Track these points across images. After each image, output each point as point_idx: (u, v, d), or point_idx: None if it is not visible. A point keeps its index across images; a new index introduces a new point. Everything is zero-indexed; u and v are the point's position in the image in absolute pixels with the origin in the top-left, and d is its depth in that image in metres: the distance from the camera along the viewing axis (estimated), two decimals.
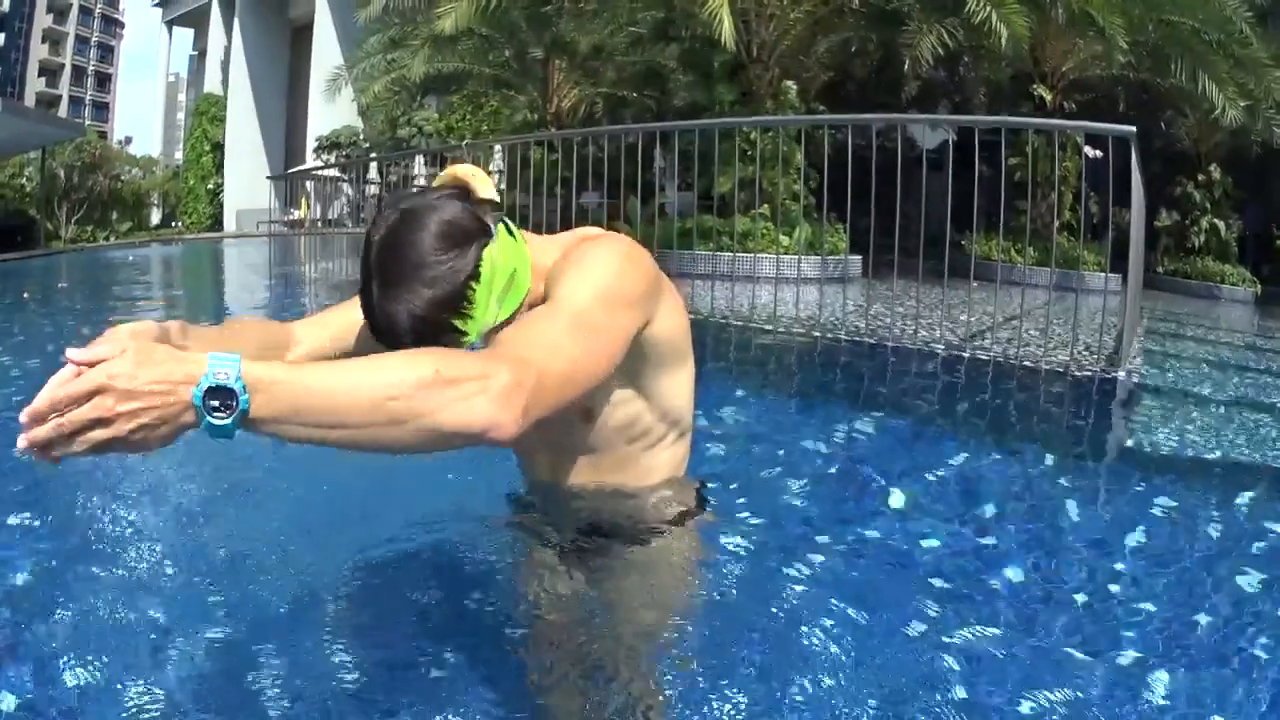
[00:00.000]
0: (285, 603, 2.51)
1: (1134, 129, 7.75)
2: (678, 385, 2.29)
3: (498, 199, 1.98)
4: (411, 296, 1.76)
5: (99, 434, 1.27)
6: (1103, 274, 14.63)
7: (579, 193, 14.16)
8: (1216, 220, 21.56)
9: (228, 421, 1.30)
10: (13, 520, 3.11)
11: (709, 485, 2.68)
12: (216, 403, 1.29)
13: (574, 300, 1.81)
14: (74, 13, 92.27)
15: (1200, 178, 21.86)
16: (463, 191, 1.92)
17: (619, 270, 1.95)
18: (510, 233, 1.95)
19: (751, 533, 2.85)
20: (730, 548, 2.65)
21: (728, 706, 2.06)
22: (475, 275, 1.82)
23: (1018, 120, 13.74)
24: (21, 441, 1.27)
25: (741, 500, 3.22)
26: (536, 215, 13.27)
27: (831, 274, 13.81)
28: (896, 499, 3.78)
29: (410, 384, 1.39)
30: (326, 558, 2.69)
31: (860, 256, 14.17)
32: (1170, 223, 21.99)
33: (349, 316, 2.10)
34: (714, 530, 2.62)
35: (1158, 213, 20.88)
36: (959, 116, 16.10)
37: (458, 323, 1.83)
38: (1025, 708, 2.20)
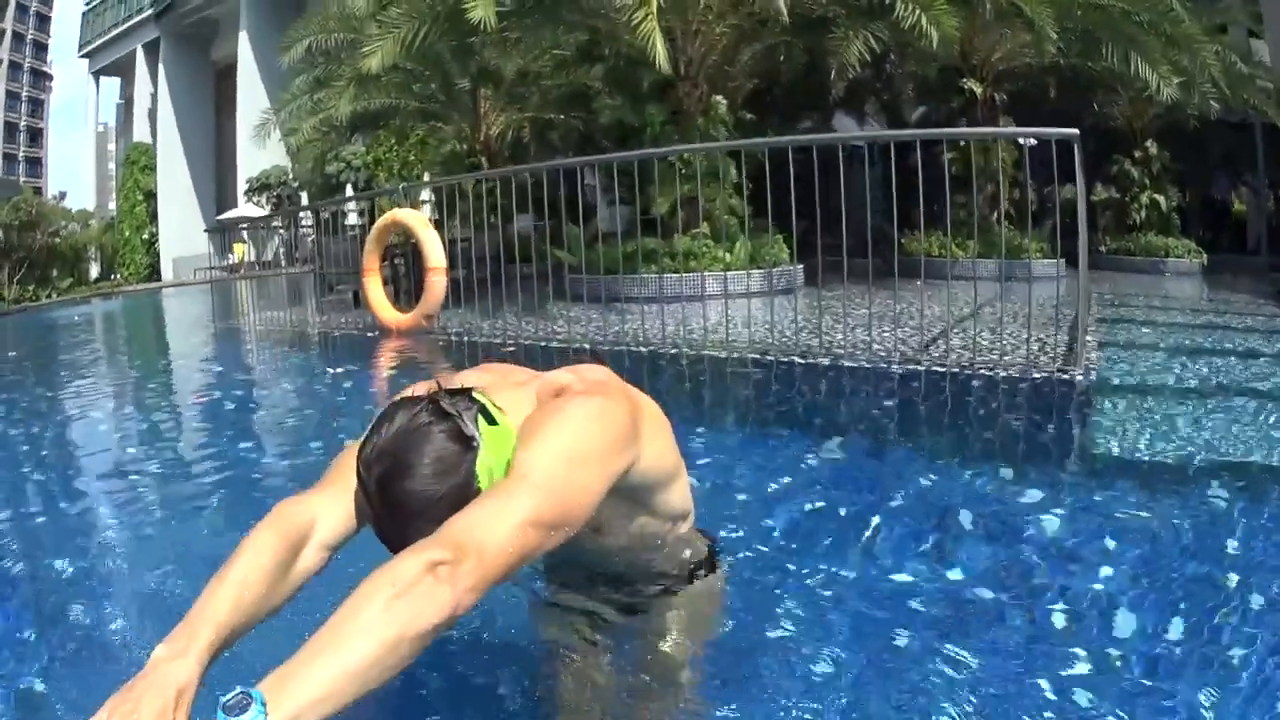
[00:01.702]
0: None
1: (1077, 132, 7.75)
2: (677, 490, 2.42)
3: (442, 259, 1.87)
4: (431, 531, 1.70)
5: None
6: (1046, 261, 14.67)
7: (512, 218, 14.06)
8: (1156, 195, 21.70)
9: None
10: None
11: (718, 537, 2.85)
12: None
13: (534, 468, 1.83)
14: (3, 69, 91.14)
15: (1137, 154, 22.02)
16: (434, 396, 1.92)
17: (584, 431, 1.97)
18: (491, 419, 1.93)
19: (740, 569, 3.16)
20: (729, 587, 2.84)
21: None
22: (476, 491, 1.83)
23: (960, 131, 13.73)
24: None
25: (725, 534, 3.42)
26: (478, 249, 13.17)
27: (776, 286, 13.75)
28: (872, 528, 3.91)
29: (379, 616, 1.46)
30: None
31: (802, 265, 14.16)
32: (1106, 197, 22.14)
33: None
34: (721, 575, 2.76)
35: (1093, 188, 20.99)
36: (900, 132, 15.98)
37: None
38: None
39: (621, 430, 2.05)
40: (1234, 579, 3.23)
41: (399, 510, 1.81)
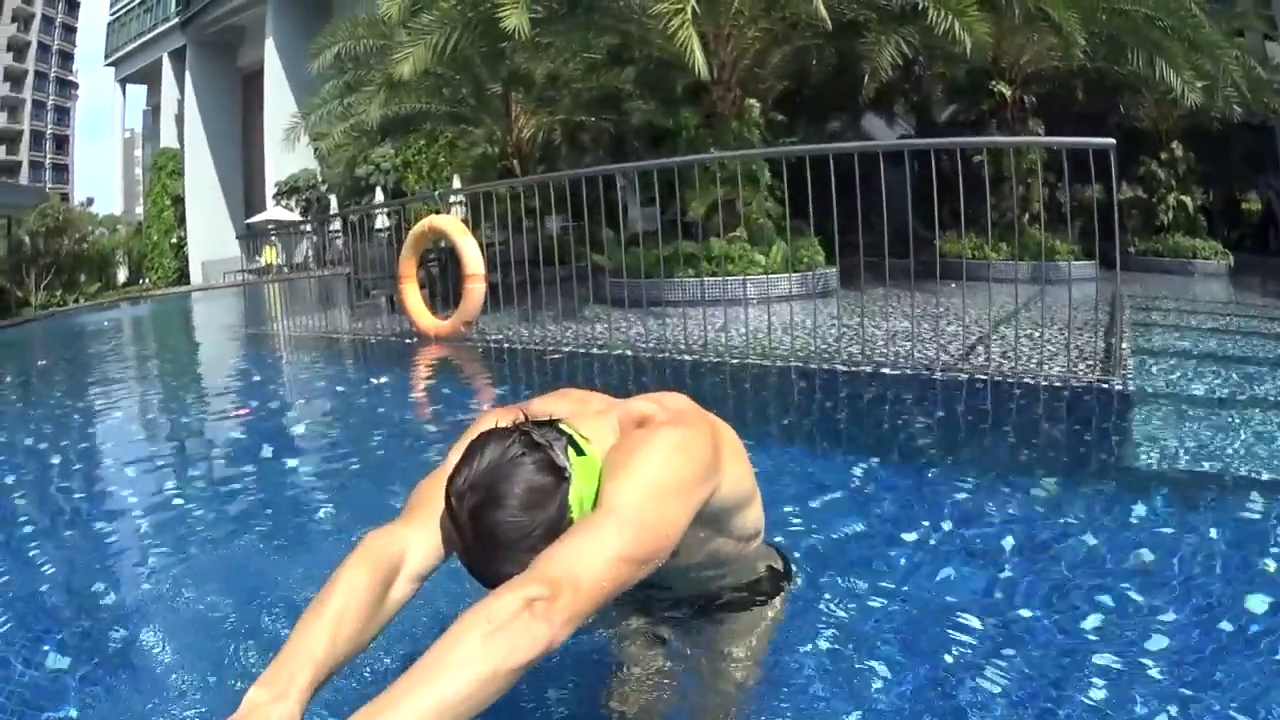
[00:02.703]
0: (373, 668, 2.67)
1: (1113, 141, 7.72)
2: (752, 511, 2.40)
3: (481, 266, 1.92)
4: (523, 561, 1.74)
5: None
6: (1080, 263, 14.69)
7: (544, 221, 14.09)
8: (1183, 196, 21.72)
9: None
10: None
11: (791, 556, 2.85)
12: None
13: (623, 502, 1.83)
14: (29, 78, 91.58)
15: (1163, 155, 22.04)
16: (524, 427, 1.91)
17: (670, 463, 1.96)
18: (579, 449, 1.93)
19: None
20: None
21: None
22: (568, 522, 1.84)
23: (999, 140, 13.68)
24: None
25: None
26: (514, 251, 13.23)
27: (814, 289, 13.79)
28: (919, 540, 3.95)
29: (477, 651, 1.48)
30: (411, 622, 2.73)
31: (836, 268, 14.17)
32: (1133, 195, 22.15)
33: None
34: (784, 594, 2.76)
35: (1119, 186, 21.00)
36: (942, 140, 15.84)
37: None
38: None
39: (705, 460, 2.06)
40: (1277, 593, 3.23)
41: (490, 541, 1.81)
